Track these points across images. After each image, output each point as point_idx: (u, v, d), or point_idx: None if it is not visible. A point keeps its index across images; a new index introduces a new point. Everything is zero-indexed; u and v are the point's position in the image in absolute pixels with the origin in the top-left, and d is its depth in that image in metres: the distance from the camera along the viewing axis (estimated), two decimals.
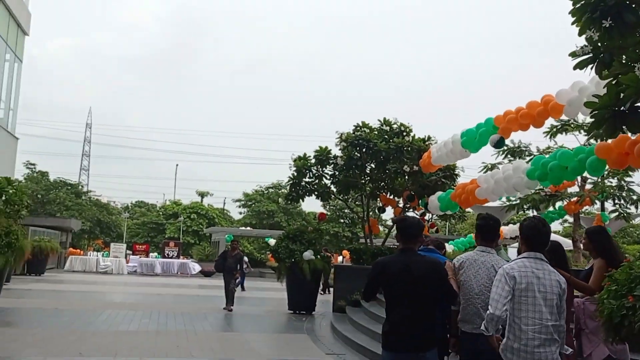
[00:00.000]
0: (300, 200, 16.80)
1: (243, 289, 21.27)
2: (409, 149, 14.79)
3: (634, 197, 14.70)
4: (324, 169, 16.21)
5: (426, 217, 16.47)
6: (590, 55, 5.16)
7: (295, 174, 16.21)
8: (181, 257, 33.57)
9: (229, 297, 13.67)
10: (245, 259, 23.04)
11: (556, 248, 4.76)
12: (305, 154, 16.26)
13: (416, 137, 15.37)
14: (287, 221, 44.29)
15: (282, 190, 43.20)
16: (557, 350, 3.71)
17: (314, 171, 16.24)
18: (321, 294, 14.97)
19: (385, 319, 4.25)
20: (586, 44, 5.04)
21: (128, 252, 33.73)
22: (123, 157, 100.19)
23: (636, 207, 15.13)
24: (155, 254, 35.52)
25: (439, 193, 13.76)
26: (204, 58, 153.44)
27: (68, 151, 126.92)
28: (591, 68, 5.30)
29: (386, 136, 15.25)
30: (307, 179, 16.37)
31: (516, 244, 20.36)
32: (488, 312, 3.77)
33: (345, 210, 42.18)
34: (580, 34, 4.97)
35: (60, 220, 34.46)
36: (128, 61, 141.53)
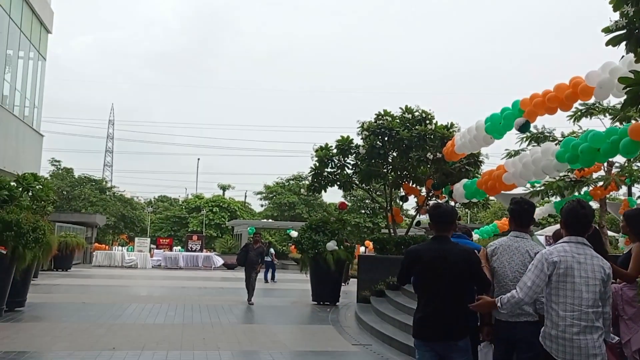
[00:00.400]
0: (323, 190, 16.67)
1: (267, 280, 21.30)
2: (432, 136, 14.57)
3: None
4: (346, 158, 16.07)
5: None
6: (625, 31, 4.96)
7: (317, 164, 16.09)
8: (204, 250, 33.82)
9: (250, 290, 13.66)
10: (272, 250, 23.17)
11: (592, 232, 4.59)
12: (327, 144, 16.15)
13: (439, 124, 15.14)
14: (309, 212, 44.31)
15: (303, 182, 43.18)
16: (600, 338, 3.53)
17: (336, 161, 16.10)
18: (342, 284, 14.91)
19: (417, 307, 4.17)
20: (620, 18, 4.84)
21: (152, 246, 34.09)
22: (145, 153, 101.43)
23: None
24: (179, 247, 35.84)
25: (464, 181, 13.48)
26: (223, 52, 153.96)
27: (92, 147, 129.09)
28: (625, 45, 5.09)
29: (408, 124, 15.03)
30: (329, 169, 16.23)
31: (541, 231, 20.08)
32: (516, 295, 3.59)
33: (367, 201, 42.04)
34: (615, 10, 4.78)
35: (86, 215, 34.94)
36: (149, 57, 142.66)
